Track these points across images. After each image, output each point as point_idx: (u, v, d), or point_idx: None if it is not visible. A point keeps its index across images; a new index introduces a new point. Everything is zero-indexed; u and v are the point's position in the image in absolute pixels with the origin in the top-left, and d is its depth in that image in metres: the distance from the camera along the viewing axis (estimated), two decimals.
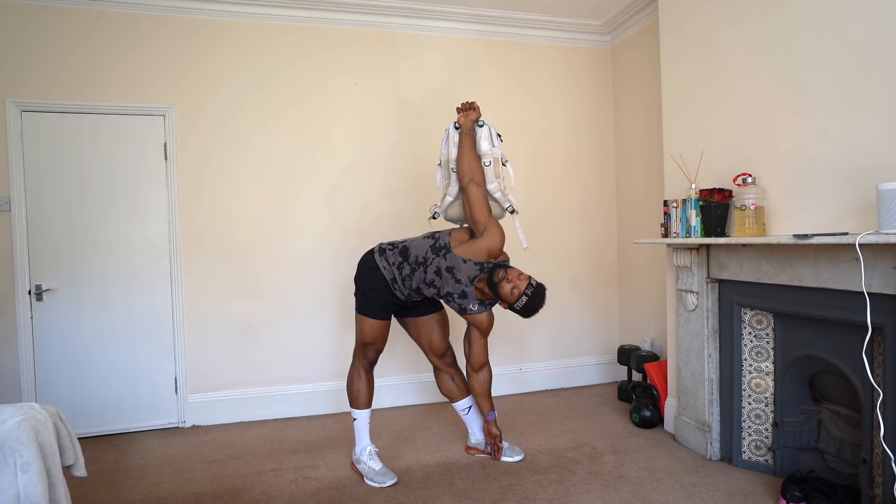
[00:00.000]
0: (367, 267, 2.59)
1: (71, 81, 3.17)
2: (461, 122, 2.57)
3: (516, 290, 2.36)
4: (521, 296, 2.36)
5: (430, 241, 2.53)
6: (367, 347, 2.60)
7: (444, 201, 2.70)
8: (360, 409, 2.63)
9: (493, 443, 2.71)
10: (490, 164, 2.57)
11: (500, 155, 2.62)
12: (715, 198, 2.51)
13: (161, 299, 3.32)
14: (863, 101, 1.97)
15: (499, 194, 2.61)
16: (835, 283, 2.04)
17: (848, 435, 2.22)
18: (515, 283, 2.37)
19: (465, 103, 2.59)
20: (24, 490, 1.47)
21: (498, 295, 2.40)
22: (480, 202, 2.50)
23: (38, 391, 3.15)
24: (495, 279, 2.38)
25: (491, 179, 2.59)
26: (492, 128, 2.62)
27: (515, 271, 2.42)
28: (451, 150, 2.61)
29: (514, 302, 2.38)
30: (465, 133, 2.55)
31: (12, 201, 3.08)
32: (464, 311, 2.51)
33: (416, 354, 3.59)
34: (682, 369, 2.87)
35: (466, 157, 2.53)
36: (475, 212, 2.49)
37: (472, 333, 2.63)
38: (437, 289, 2.49)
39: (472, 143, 2.56)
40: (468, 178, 2.52)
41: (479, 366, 2.65)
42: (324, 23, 3.52)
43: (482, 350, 2.63)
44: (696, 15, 2.75)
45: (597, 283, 4.09)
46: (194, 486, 2.53)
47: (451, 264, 2.45)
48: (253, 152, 3.45)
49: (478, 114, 2.57)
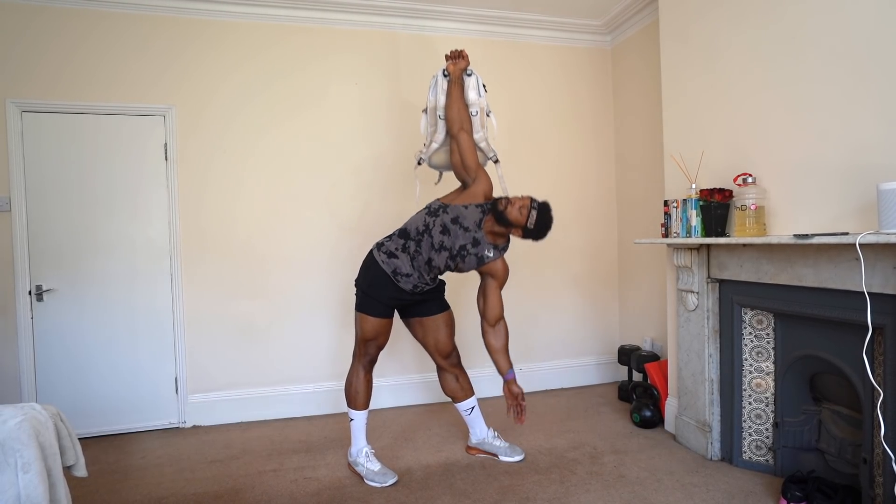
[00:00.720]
0: (366, 265, 2.59)
1: (72, 82, 3.17)
2: (450, 69, 2.59)
3: (524, 209, 2.38)
4: (530, 212, 2.38)
5: (423, 211, 2.55)
6: (367, 344, 2.58)
7: (430, 148, 2.72)
8: (358, 410, 2.62)
9: (516, 403, 2.57)
10: (476, 114, 2.61)
11: (485, 105, 2.66)
12: (715, 198, 2.51)
13: (161, 299, 3.32)
14: (863, 100, 1.97)
15: (484, 144, 2.67)
16: (835, 283, 2.04)
17: (848, 435, 2.22)
18: (521, 203, 2.38)
19: (454, 51, 2.61)
20: (24, 490, 1.47)
21: (508, 223, 2.39)
22: (471, 148, 2.57)
23: (39, 391, 3.15)
24: (500, 208, 2.39)
25: (477, 129, 2.63)
26: (479, 78, 2.65)
27: (516, 196, 2.44)
28: (438, 96, 2.63)
29: (525, 222, 2.38)
30: (454, 81, 2.58)
31: (13, 201, 3.08)
32: (482, 260, 2.47)
33: (417, 354, 3.59)
34: (683, 369, 2.87)
35: (456, 105, 2.57)
36: (467, 158, 2.55)
37: (488, 285, 2.55)
38: (448, 250, 2.45)
39: (461, 92, 2.59)
40: (458, 126, 2.56)
41: (495, 319, 2.56)
42: (324, 23, 3.52)
43: (499, 301, 2.56)
44: (697, 15, 2.75)
45: (597, 283, 4.09)
46: (195, 487, 2.54)
47: (455, 215, 2.47)
48: (253, 152, 3.45)
49: (467, 62, 2.60)
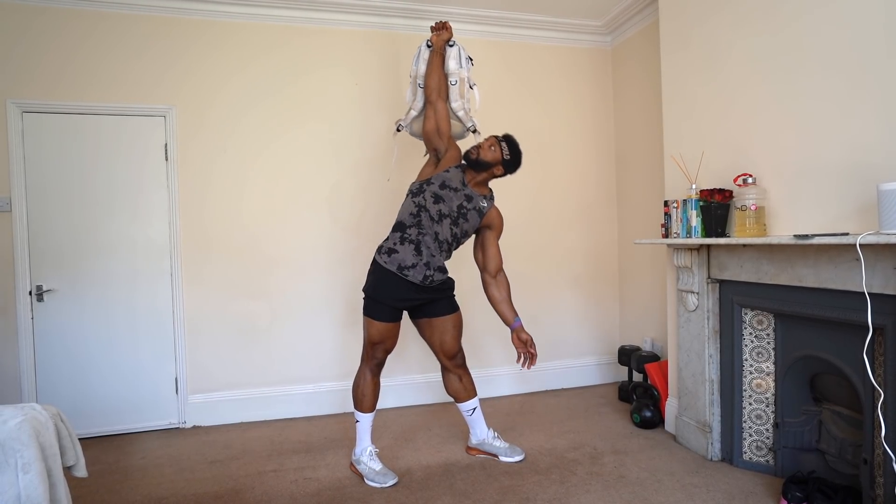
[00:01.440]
0: (370, 272, 2.59)
1: (73, 82, 3.17)
2: (433, 40, 2.67)
3: (494, 147, 2.52)
4: (500, 145, 2.52)
5: (408, 197, 2.59)
6: (375, 347, 2.58)
7: (409, 115, 2.78)
8: (365, 413, 2.62)
9: (525, 350, 2.61)
10: (456, 84, 2.67)
11: (467, 77, 2.72)
12: (715, 198, 2.51)
13: (162, 299, 3.32)
14: (863, 101, 1.97)
15: (462, 113, 2.72)
16: (835, 284, 2.04)
17: (849, 435, 2.22)
18: (488, 144, 2.53)
19: (438, 23, 2.69)
20: (24, 491, 1.47)
21: (487, 164, 2.52)
22: (446, 117, 2.66)
23: (39, 391, 3.15)
24: (474, 157, 2.52)
25: (455, 98, 2.69)
26: (462, 50, 2.72)
27: (479, 142, 2.57)
28: (420, 66, 2.71)
29: (501, 156, 2.52)
30: (435, 51, 2.66)
31: (13, 202, 3.08)
32: (481, 212, 2.57)
33: (417, 355, 3.60)
34: (683, 370, 2.87)
35: (436, 74, 2.64)
36: (442, 125, 2.63)
37: (486, 238, 2.65)
38: (448, 217, 2.50)
39: (442, 61, 2.67)
40: (436, 94, 2.63)
41: (496, 269, 2.66)
42: (323, 23, 3.52)
43: (498, 252, 2.67)
44: (697, 16, 2.75)
45: (597, 283, 4.09)
46: (195, 487, 2.53)
47: (441, 181, 2.54)
48: (253, 152, 3.45)
49: (449, 34, 2.68)
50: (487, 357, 3.81)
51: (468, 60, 2.72)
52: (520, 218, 3.87)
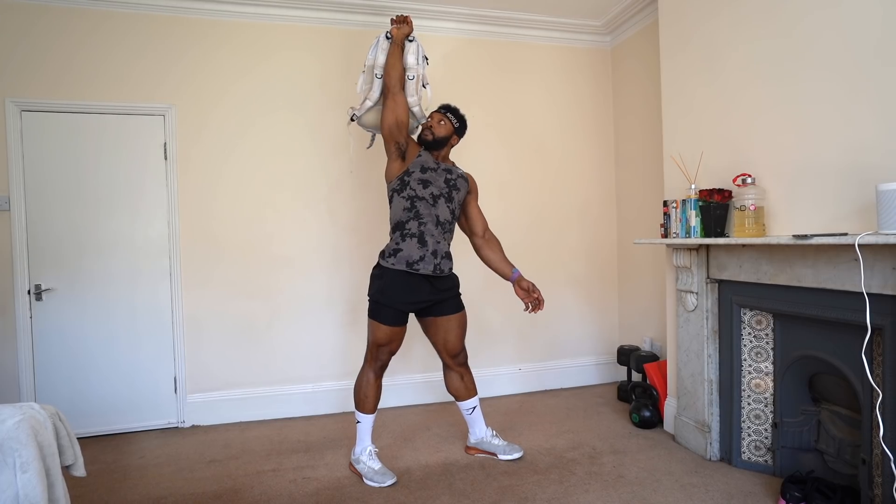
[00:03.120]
0: (375, 276, 2.58)
1: (74, 82, 3.17)
2: (394, 33, 2.68)
3: (443, 121, 2.65)
4: (448, 118, 2.65)
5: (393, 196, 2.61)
6: (379, 350, 2.58)
7: (364, 105, 2.76)
8: (367, 414, 2.61)
9: (531, 297, 2.65)
10: (413, 79, 2.69)
11: (422, 74, 2.74)
12: (715, 198, 2.51)
13: (161, 299, 3.32)
14: (862, 101, 1.97)
15: (416, 109, 2.74)
16: (834, 284, 2.04)
17: (847, 435, 2.22)
18: (437, 120, 2.64)
19: (399, 16, 2.70)
20: (23, 490, 1.47)
21: (444, 139, 2.64)
22: (406, 110, 2.69)
23: (38, 391, 3.15)
24: (430, 137, 2.62)
25: (411, 93, 2.70)
26: (420, 47, 2.73)
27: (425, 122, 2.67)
28: (378, 56, 2.68)
29: (455, 126, 2.66)
30: (395, 44, 2.66)
31: (12, 201, 3.08)
32: (465, 179, 2.70)
33: (418, 355, 3.60)
34: (682, 370, 2.87)
35: (398, 66, 2.66)
36: (403, 118, 2.67)
37: (467, 202, 2.73)
38: (442, 196, 2.57)
39: (401, 54, 2.69)
40: (398, 87, 2.65)
41: (483, 228, 2.76)
42: (325, 23, 3.52)
43: (480, 212, 2.77)
44: (696, 16, 2.75)
45: (596, 283, 4.09)
46: (194, 487, 2.53)
47: (419, 166, 2.59)
48: (253, 151, 3.45)
49: (410, 28, 2.70)
50: (490, 358, 3.80)
51: (424, 59, 2.75)
52: (519, 218, 3.87)
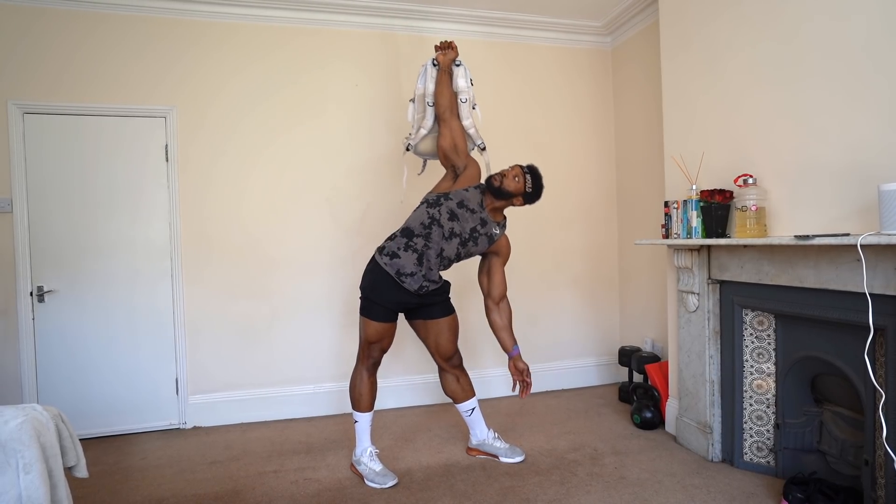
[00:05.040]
0: (369, 270, 2.59)
1: (74, 84, 3.17)
2: (440, 59, 2.68)
3: (518, 177, 2.52)
4: (525, 177, 2.52)
5: (423, 206, 2.58)
6: (371, 347, 2.58)
7: (418, 134, 2.77)
8: (363, 412, 2.62)
9: (521, 379, 2.64)
10: (465, 102, 2.69)
11: (471, 96, 2.73)
12: (716, 199, 2.51)
13: (162, 300, 3.32)
14: (863, 101, 1.97)
15: (472, 131, 2.73)
16: (836, 284, 2.04)
17: (850, 436, 2.22)
18: (514, 173, 2.52)
19: (444, 42, 2.70)
20: (25, 491, 1.47)
21: (508, 194, 2.53)
22: (463, 134, 2.67)
23: (40, 392, 3.16)
24: (496, 184, 2.51)
25: (466, 116, 2.70)
26: (467, 70, 2.72)
27: (503, 169, 2.55)
28: (428, 84, 2.70)
29: (524, 188, 2.52)
30: (443, 70, 2.66)
31: (14, 203, 3.09)
32: (491, 239, 2.60)
33: (417, 356, 3.59)
34: (684, 370, 2.86)
35: (447, 92, 2.66)
36: (459, 142, 2.65)
37: (493, 264, 2.66)
38: (458, 236, 2.52)
39: (450, 80, 2.68)
40: (450, 112, 2.65)
41: (500, 296, 2.68)
42: (324, 24, 3.53)
43: (503, 279, 2.68)
44: (696, 16, 2.75)
45: (597, 283, 4.09)
46: (195, 488, 2.54)
47: (459, 199, 2.54)
48: (254, 153, 3.45)
49: (455, 53, 2.70)
50: (488, 358, 3.80)
51: (470, 80, 2.73)
52: (520, 218, 3.87)
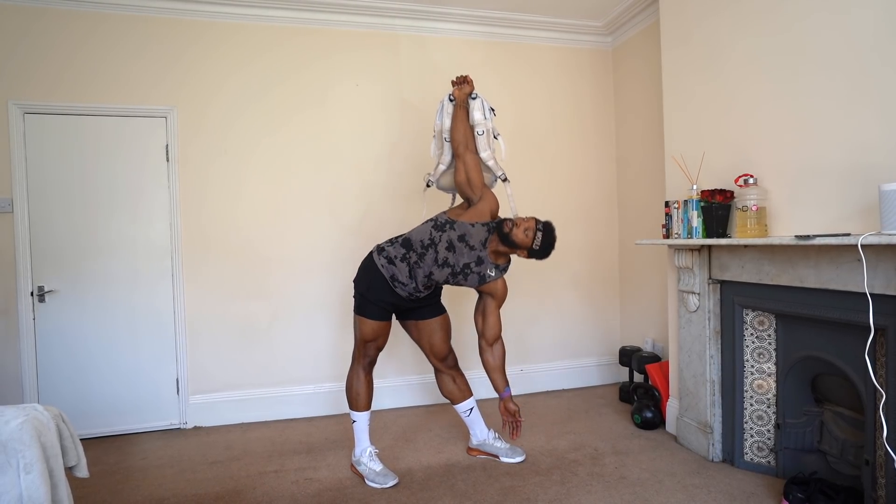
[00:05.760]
0: (365, 268, 2.59)
1: (74, 84, 3.18)
2: (456, 94, 2.68)
3: (529, 231, 2.44)
4: (536, 233, 2.44)
5: (430, 223, 2.56)
6: (367, 346, 2.59)
7: (437, 170, 2.78)
8: (360, 412, 2.62)
9: (512, 420, 2.63)
10: (483, 134, 2.68)
11: (492, 127, 2.72)
12: (716, 199, 2.51)
13: (163, 300, 3.33)
14: (864, 101, 1.97)
15: (492, 162, 2.71)
16: (837, 284, 2.04)
17: (850, 436, 2.22)
18: (525, 226, 2.44)
19: (459, 77, 2.69)
20: (26, 491, 1.47)
21: (514, 244, 2.45)
22: (477, 168, 2.63)
23: (41, 392, 3.16)
24: (506, 230, 2.44)
25: (484, 148, 2.68)
26: (485, 101, 2.71)
27: (520, 217, 2.48)
28: (444, 120, 2.71)
29: (531, 244, 2.44)
30: (459, 105, 2.66)
31: (15, 203, 3.09)
32: (483, 279, 2.52)
33: (417, 356, 3.59)
34: (684, 370, 2.86)
35: (461, 127, 2.64)
36: (472, 176, 2.61)
37: (487, 305, 2.60)
38: (451, 267, 2.49)
39: (466, 115, 2.67)
40: (463, 146, 2.63)
41: (493, 338, 2.61)
42: (326, 24, 3.53)
43: (497, 321, 2.62)
44: (697, 17, 2.75)
45: (598, 283, 4.09)
46: (196, 488, 2.54)
47: (462, 232, 2.51)
48: (255, 153, 3.45)
49: (471, 87, 2.68)
50: None
51: (490, 111, 2.72)
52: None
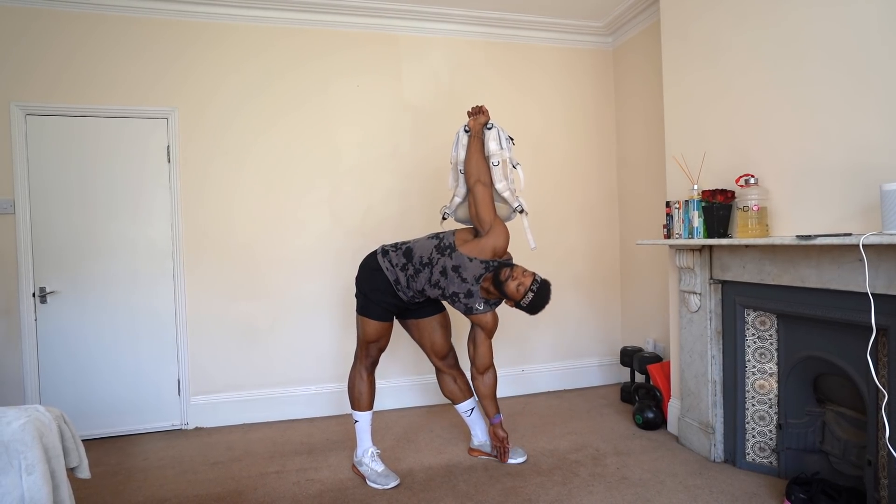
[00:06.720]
0: (369, 268, 2.59)
1: (73, 85, 3.18)
2: (471, 125, 2.63)
3: (522, 287, 2.38)
4: (527, 292, 2.38)
5: (434, 242, 2.54)
6: (369, 346, 2.60)
7: (453, 202, 2.75)
8: (362, 412, 2.63)
9: (501, 446, 2.69)
10: (498, 165, 2.59)
11: (509, 157, 2.63)
12: (717, 199, 2.50)
13: (164, 301, 3.33)
14: (866, 100, 1.96)
15: (507, 194, 2.62)
16: (838, 284, 2.03)
17: (853, 437, 2.21)
18: (521, 280, 2.39)
19: (475, 107, 2.66)
20: (28, 492, 1.48)
21: (504, 293, 2.42)
22: (486, 201, 2.52)
23: (42, 393, 3.16)
24: (501, 278, 2.40)
25: (499, 179, 2.60)
26: (501, 131, 2.65)
27: (520, 268, 2.43)
28: (460, 152, 2.65)
29: (520, 299, 2.39)
30: (473, 135, 2.61)
31: (16, 204, 3.09)
32: (469, 310, 2.52)
33: (418, 356, 3.59)
34: (685, 371, 2.86)
35: (474, 158, 2.57)
36: (480, 210, 2.52)
37: (477, 335, 2.62)
38: (441, 289, 2.49)
39: (480, 146, 2.60)
40: (475, 178, 2.55)
41: (484, 368, 2.65)
42: (325, 25, 3.53)
43: (487, 351, 2.63)
44: (698, 16, 2.75)
45: (599, 284, 4.09)
46: (197, 488, 2.54)
47: (457, 263, 2.46)
48: (256, 154, 3.46)
49: (487, 117, 2.63)
50: None
51: (508, 140, 2.66)
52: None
